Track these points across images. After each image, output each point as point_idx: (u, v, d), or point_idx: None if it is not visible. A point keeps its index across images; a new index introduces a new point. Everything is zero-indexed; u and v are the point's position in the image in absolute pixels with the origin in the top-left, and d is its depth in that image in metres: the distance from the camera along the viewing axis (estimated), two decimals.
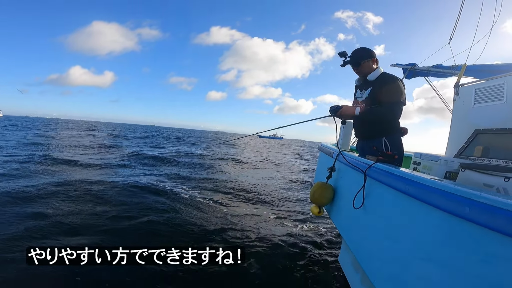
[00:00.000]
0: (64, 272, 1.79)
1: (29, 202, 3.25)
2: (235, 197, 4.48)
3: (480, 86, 2.33)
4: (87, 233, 2.56)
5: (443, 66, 3.35)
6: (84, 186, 4.18)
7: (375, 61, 1.78)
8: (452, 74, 3.18)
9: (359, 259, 1.29)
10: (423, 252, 0.86)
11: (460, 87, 2.63)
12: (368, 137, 1.82)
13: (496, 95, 2.13)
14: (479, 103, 2.30)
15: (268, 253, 2.43)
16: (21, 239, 2.30)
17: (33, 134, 15.44)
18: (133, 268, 1.76)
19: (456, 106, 2.64)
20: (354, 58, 1.78)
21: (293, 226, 3.23)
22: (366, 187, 1.25)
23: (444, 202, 0.77)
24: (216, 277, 1.96)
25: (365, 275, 1.41)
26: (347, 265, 1.94)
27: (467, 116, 2.43)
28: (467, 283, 0.70)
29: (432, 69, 3.46)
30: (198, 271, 1.96)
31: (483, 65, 2.91)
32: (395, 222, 1.04)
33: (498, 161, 1.91)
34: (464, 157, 2.23)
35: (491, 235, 0.65)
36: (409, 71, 3.66)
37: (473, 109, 2.36)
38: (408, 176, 0.96)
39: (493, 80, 2.20)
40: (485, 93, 2.25)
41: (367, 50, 1.80)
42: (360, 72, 1.81)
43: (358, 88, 1.90)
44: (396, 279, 0.98)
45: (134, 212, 3.19)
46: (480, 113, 2.27)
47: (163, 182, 4.98)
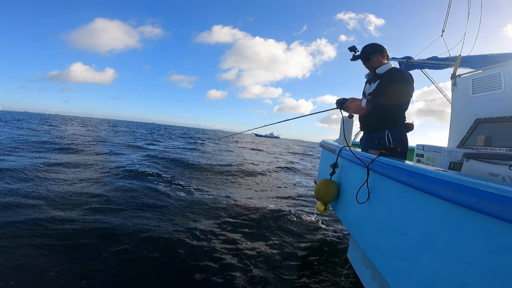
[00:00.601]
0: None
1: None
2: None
3: (477, 76, 2.34)
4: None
5: (438, 58, 3.38)
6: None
7: (385, 56, 1.78)
8: (448, 66, 3.20)
9: (369, 255, 1.29)
10: (433, 244, 0.86)
11: (457, 78, 2.64)
12: (372, 130, 1.82)
13: (494, 84, 2.14)
14: (478, 92, 2.32)
15: (274, 251, 2.42)
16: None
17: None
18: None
19: (455, 97, 2.66)
20: (364, 52, 1.80)
21: (298, 220, 3.22)
22: (370, 182, 1.25)
23: (451, 193, 0.76)
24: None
25: (375, 270, 1.40)
26: (357, 261, 1.93)
27: (466, 106, 2.44)
28: (479, 275, 0.69)
29: (428, 62, 3.48)
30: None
31: (477, 55, 2.93)
32: (403, 216, 1.04)
33: (502, 150, 1.92)
34: (467, 147, 2.23)
35: (500, 225, 0.64)
36: (405, 64, 3.69)
37: (472, 99, 2.37)
38: (412, 169, 0.96)
39: (489, 70, 2.22)
40: (482, 82, 2.27)
41: (377, 45, 1.81)
42: (370, 66, 1.82)
43: (367, 83, 1.90)
44: (408, 273, 0.97)
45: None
46: (479, 103, 2.28)
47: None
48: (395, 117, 1.69)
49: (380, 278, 1.42)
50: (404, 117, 1.74)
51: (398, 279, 1.03)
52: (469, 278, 0.72)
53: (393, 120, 1.69)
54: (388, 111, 1.66)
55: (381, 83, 1.71)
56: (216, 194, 4.15)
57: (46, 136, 10.60)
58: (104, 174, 4.74)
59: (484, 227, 0.69)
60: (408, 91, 1.63)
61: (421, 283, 0.89)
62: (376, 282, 1.50)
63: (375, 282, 1.51)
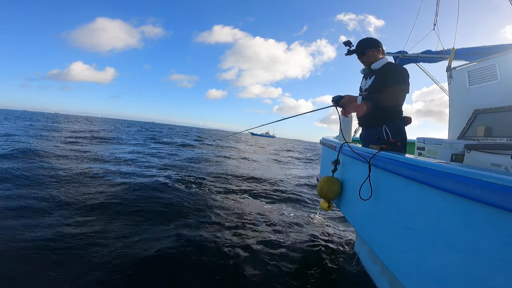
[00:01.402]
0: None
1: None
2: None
3: (472, 68, 2.36)
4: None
5: (432, 52, 3.40)
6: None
7: (380, 51, 1.77)
8: (442, 59, 3.22)
9: (376, 251, 1.28)
10: (441, 238, 0.85)
11: (452, 70, 2.66)
12: (370, 125, 1.81)
13: (490, 75, 2.16)
14: (474, 84, 2.33)
15: (280, 247, 2.41)
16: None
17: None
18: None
19: (452, 89, 2.67)
20: (359, 47, 1.78)
21: (304, 217, 3.21)
22: (373, 177, 1.24)
23: (455, 185, 0.76)
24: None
25: (384, 266, 1.40)
26: (365, 257, 1.93)
27: (464, 97, 2.45)
28: (489, 266, 0.69)
29: (422, 55, 3.50)
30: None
31: (471, 47, 2.95)
32: (407, 210, 1.03)
33: (502, 140, 1.92)
34: (468, 138, 2.24)
35: (506, 215, 0.63)
36: (399, 58, 3.70)
37: (469, 90, 2.38)
38: (414, 162, 0.95)
39: (484, 62, 2.23)
40: (478, 74, 2.28)
41: (372, 39, 1.79)
42: (364, 61, 1.81)
43: (364, 78, 1.89)
44: (417, 268, 0.96)
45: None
46: (476, 94, 2.29)
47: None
48: (392, 111, 1.69)
49: (390, 274, 1.41)
50: (401, 111, 1.73)
51: (407, 274, 1.02)
52: (479, 270, 0.72)
53: (390, 114, 1.69)
54: (385, 104, 1.64)
55: (376, 78, 1.71)
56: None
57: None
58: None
59: (490, 218, 0.68)
60: (404, 89, 1.62)
61: (431, 277, 0.89)
62: (385, 278, 1.49)
63: (384, 277, 1.50)
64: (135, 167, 5.74)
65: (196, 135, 26.15)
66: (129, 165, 5.93)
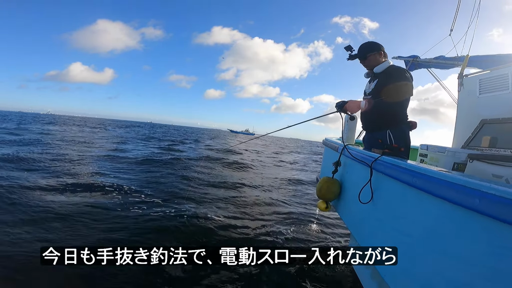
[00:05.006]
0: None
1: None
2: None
3: (484, 77, 2.31)
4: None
5: (445, 58, 3.33)
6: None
7: (382, 54, 1.76)
8: (455, 65, 3.15)
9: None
10: (435, 245, 0.85)
11: (464, 78, 2.60)
12: (373, 130, 1.81)
13: (501, 84, 2.11)
14: (484, 93, 2.28)
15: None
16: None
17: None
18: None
19: (461, 97, 2.62)
20: (360, 51, 1.79)
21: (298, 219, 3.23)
22: (373, 181, 1.24)
23: (454, 194, 0.76)
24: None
25: (375, 270, 1.41)
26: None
27: (472, 106, 2.41)
28: (480, 276, 0.69)
29: (435, 61, 3.43)
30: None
31: (485, 55, 2.88)
32: (405, 216, 1.03)
33: (506, 151, 1.89)
34: (472, 148, 2.21)
35: (503, 227, 0.63)
36: (411, 63, 3.64)
37: (478, 99, 2.34)
38: (415, 169, 0.95)
39: (497, 70, 2.18)
40: (489, 83, 2.23)
41: (373, 43, 1.79)
42: (367, 65, 1.81)
43: (368, 82, 1.89)
44: (408, 274, 0.97)
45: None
46: (485, 103, 2.25)
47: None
48: (396, 116, 1.67)
49: (379, 278, 1.42)
50: (405, 115, 1.72)
51: (397, 279, 1.03)
52: (470, 279, 0.72)
53: (394, 119, 1.68)
54: (388, 110, 1.64)
55: (379, 82, 1.71)
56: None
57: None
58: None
59: (486, 228, 0.68)
60: (406, 88, 1.61)
61: (420, 284, 0.89)
62: (375, 282, 1.50)
63: (374, 281, 1.51)
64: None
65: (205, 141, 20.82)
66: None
